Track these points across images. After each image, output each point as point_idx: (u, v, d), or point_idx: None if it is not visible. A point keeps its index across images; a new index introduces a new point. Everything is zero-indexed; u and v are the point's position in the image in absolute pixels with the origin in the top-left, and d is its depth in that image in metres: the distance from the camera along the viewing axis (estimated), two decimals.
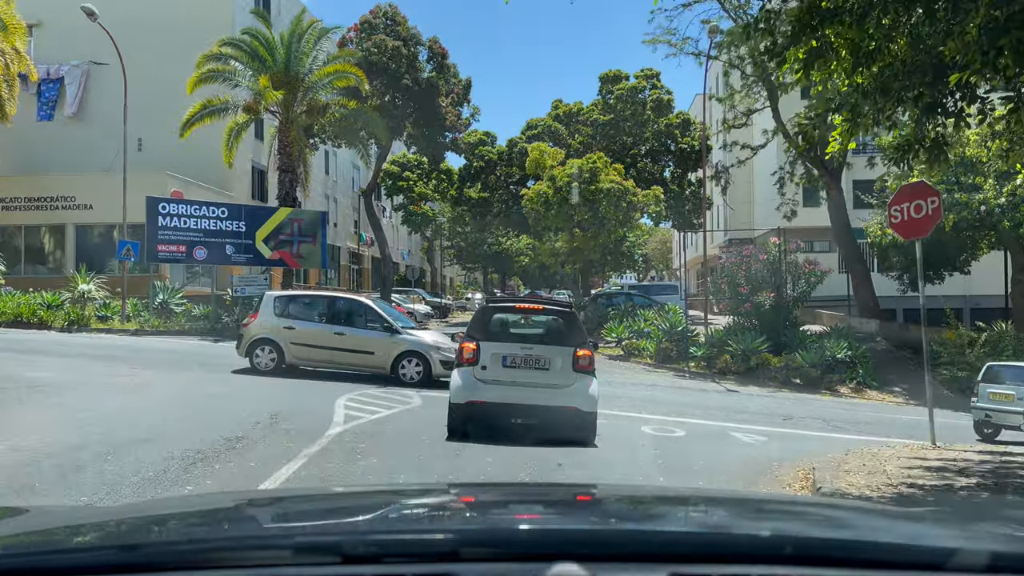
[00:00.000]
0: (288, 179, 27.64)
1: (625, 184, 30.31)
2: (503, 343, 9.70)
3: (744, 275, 23.91)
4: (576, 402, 9.40)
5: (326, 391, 13.16)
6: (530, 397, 9.37)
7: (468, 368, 9.51)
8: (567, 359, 9.49)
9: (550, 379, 9.44)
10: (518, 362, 9.46)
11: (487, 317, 10.06)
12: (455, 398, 9.49)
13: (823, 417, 15.13)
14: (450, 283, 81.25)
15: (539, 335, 10.39)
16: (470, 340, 9.68)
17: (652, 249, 79.19)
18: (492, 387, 9.38)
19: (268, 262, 26.67)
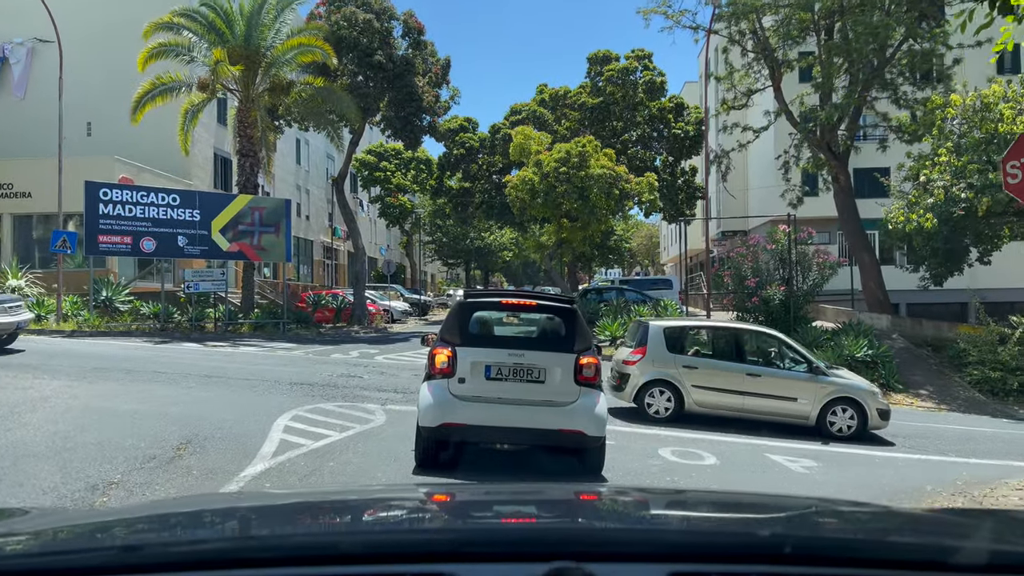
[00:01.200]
0: (249, 163, 25.14)
1: (617, 170, 28.04)
2: (486, 349, 7.60)
3: (750, 266, 21.73)
4: (580, 424, 7.39)
5: (271, 404, 10.79)
6: (521, 418, 7.38)
7: (441, 381, 7.47)
8: (568, 369, 7.47)
9: (547, 394, 7.45)
10: (505, 373, 7.44)
11: (465, 316, 7.80)
12: (425, 420, 7.42)
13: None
14: (431, 280, 78.75)
15: (532, 338, 8.41)
16: (444, 345, 7.58)
17: (637, 244, 77.05)
18: (472, 405, 7.39)
19: (226, 255, 24.17)
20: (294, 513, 2.04)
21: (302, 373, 14.70)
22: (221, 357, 17.14)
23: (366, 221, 56.05)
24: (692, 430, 11.40)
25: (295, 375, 14.23)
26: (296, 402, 11.13)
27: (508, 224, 39.55)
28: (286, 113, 27.57)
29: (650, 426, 11.57)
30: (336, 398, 11.81)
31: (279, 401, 11.15)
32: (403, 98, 28.24)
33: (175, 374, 13.18)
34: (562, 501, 2.22)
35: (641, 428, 11.37)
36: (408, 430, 9.31)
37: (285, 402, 11.08)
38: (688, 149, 35.28)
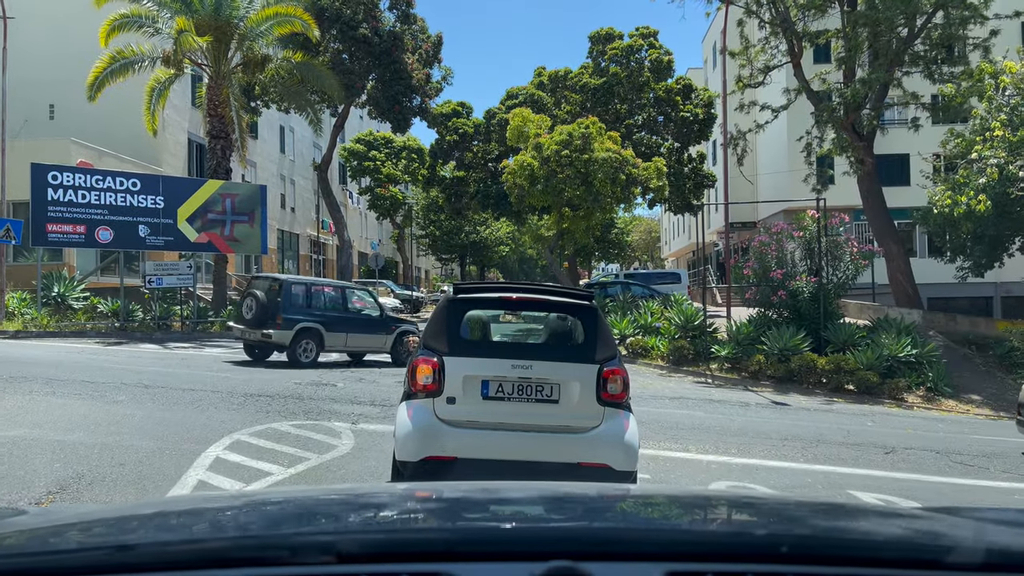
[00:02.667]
0: (220, 146, 22.83)
1: (623, 153, 25.78)
2: (483, 359, 5.78)
3: (775, 257, 19.52)
4: (606, 456, 5.65)
5: (210, 424, 8.54)
6: (529, 449, 5.63)
7: (425, 401, 5.63)
8: (589, 384, 5.73)
9: (562, 418, 5.72)
10: (508, 390, 5.68)
11: (455, 316, 5.96)
12: (403, 452, 5.57)
13: (932, 446, 10.74)
14: (425, 275, 76.45)
15: (541, 345, 6.53)
16: (428, 354, 5.71)
17: (636, 238, 74.80)
18: (465, 433, 5.61)
19: (194, 246, 21.88)
20: (291, 512, 1.98)
21: (265, 381, 12.46)
22: (177, 361, 14.89)
23: (356, 214, 53.77)
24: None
25: (256, 383, 11.99)
26: (244, 421, 8.88)
27: (505, 215, 37.30)
28: (263, 93, 25.30)
29: None
30: (296, 414, 9.56)
31: (223, 420, 8.89)
32: (390, 76, 25.98)
33: (108, 384, 10.92)
34: (559, 500, 2.14)
35: None
36: (380, 464, 7.12)
37: (230, 421, 8.83)
38: (697, 134, 33.06)
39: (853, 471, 8.64)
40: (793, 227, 19.78)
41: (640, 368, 19.28)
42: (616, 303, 24.25)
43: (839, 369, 17.02)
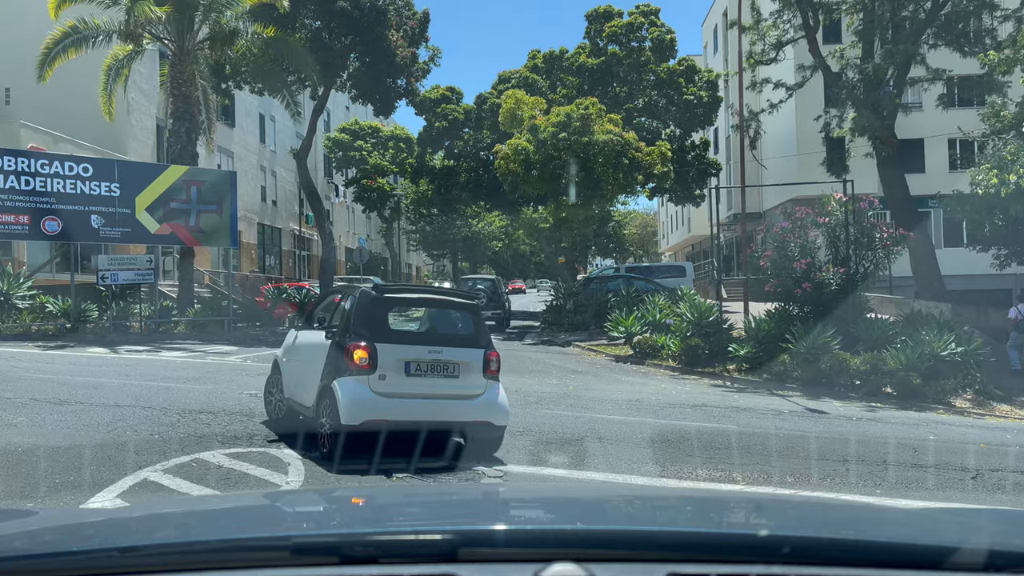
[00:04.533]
0: (185, 129, 20.77)
1: (626, 136, 23.85)
2: (404, 345, 7.65)
3: (798, 245, 17.59)
4: (489, 415, 7.70)
5: (114, 458, 6.56)
6: (438, 412, 7.52)
7: (361, 377, 7.24)
8: (478, 363, 7.77)
9: (461, 388, 7.68)
10: (424, 368, 7.55)
11: (382, 310, 7.78)
12: (348, 418, 7.05)
13: (1020, 466, 8.83)
14: (416, 272, 74.39)
15: (445, 334, 8.19)
16: (360, 340, 7.30)
17: (632, 233, 72.85)
18: (394, 402, 7.29)
19: (154, 238, 19.82)
20: (293, 514, 1.98)
21: (214, 393, 10.47)
22: (117, 368, 12.87)
23: (342, 208, 51.70)
24: None
25: (201, 396, 10.00)
26: (167, 450, 6.90)
27: (498, 207, 35.33)
28: (234, 73, 23.22)
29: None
30: (239, 438, 7.59)
31: (138, 449, 6.91)
32: (373, 54, 23.94)
33: (14, 400, 8.94)
34: (562, 502, 2.18)
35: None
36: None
37: (147, 451, 6.85)
38: (701, 118, 31.10)
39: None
40: (817, 212, 17.87)
41: (649, 370, 17.37)
42: (619, 299, 22.30)
43: (876, 370, 15.10)
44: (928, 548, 1.55)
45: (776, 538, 1.52)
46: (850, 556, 1.43)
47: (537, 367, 16.42)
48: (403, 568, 1.33)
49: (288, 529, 1.73)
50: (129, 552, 1.44)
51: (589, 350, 20.10)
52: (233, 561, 1.37)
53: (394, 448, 7.01)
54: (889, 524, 1.91)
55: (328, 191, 47.60)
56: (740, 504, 2.33)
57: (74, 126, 24.85)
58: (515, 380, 14.03)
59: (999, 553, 1.47)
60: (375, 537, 1.52)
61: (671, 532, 1.69)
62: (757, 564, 1.36)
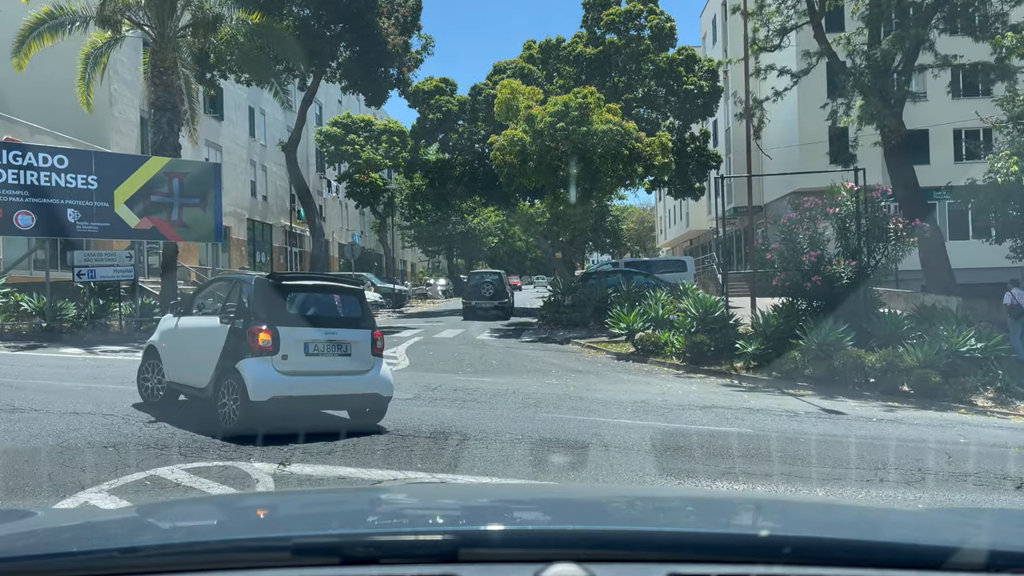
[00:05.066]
0: (167, 119, 19.90)
1: (626, 126, 23.05)
2: (303, 328, 8.36)
3: (808, 237, 16.82)
4: (378, 387, 8.69)
5: (70, 469, 5.76)
6: (334, 387, 8.51)
7: (266, 358, 7.95)
8: (367, 342, 8.74)
9: (353, 365, 8.61)
10: (321, 349, 8.42)
11: (277, 297, 8.49)
12: (256, 395, 7.77)
13: None
14: (411, 269, 73.52)
15: (338, 317, 8.89)
16: (262, 324, 7.99)
17: (629, 228, 72.00)
18: (296, 379, 8.13)
19: (134, 233, 18.98)
20: (293, 514, 2.00)
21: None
22: (87, 371, 12.06)
23: (336, 204, 50.84)
24: None
25: (170, 401, 9.18)
26: (119, 464, 6.11)
27: (493, 201, 34.51)
28: (219, 62, 22.33)
29: None
30: (206, 449, 6.80)
31: (86, 464, 6.11)
32: (364, 42, 23.11)
33: None
34: (562, 502, 2.18)
35: None
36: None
37: (96, 465, 6.05)
38: (701, 109, 30.31)
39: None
40: (826, 203, 17.10)
41: (653, 368, 16.59)
42: (619, 294, 21.52)
43: (892, 367, 14.32)
44: (929, 548, 1.55)
45: (777, 538, 1.52)
46: (851, 556, 1.43)
47: (535, 366, 15.63)
48: (404, 568, 1.34)
49: (289, 529, 1.73)
50: (130, 553, 1.44)
51: (589, 347, 19.32)
52: (234, 561, 1.38)
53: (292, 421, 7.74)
54: (890, 524, 1.92)
55: (320, 186, 46.74)
56: (741, 504, 2.32)
57: (58, 119, 23.96)
58: (513, 380, 13.26)
59: (1000, 553, 1.46)
60: (376, 537, 1.52)
61: (671, 532, 1.68)
62: (758, 564, 1.36)
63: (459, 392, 11.51)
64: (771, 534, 1.60)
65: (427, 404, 10.23)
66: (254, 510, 2.07)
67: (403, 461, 7.07)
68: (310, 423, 7.98)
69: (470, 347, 18.76)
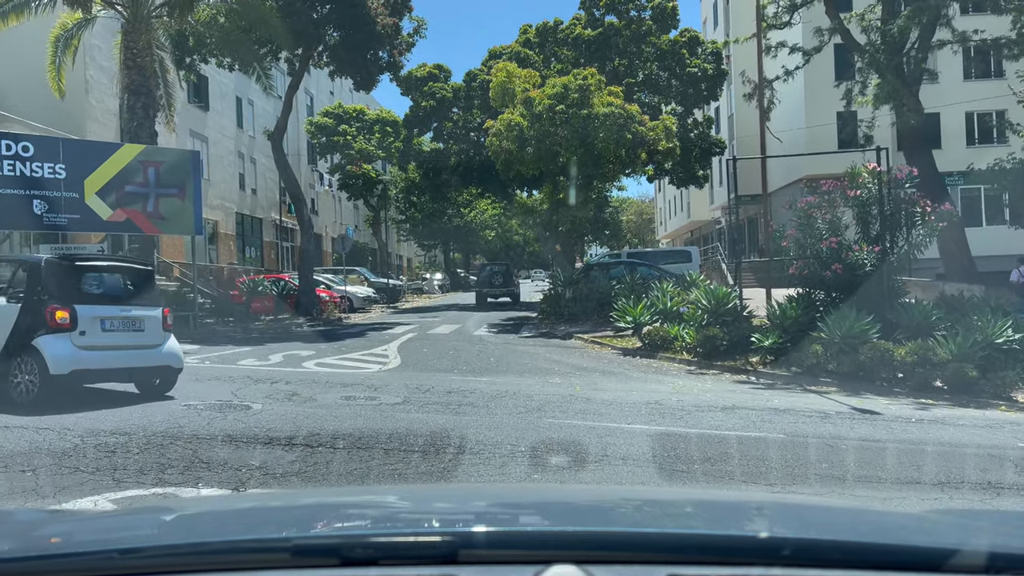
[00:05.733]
0: (141, 104, 18.73)
1: (628, 108, 21.89)
2: (99, 305, 9.13)
3: (827, 221, 15.70)
4: (169, 360, 9.52)
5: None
6: (130, 360, 9.22)
7: (64, 335, 8.61)
8: (158, 319, 9.54)
9: (147, 340, 9.37)
10: (117, 325, 9.15)
11: (71, 276, 9.22)
12: (56, 369, 8.44)
13: None
14: (407, 263, 72.31)
15: (131, 295, 9.64)
16: (62, 303, 8.66)
17: (629, 220, 70.82)
18: (94, 353, 8.85)
19: (107, 226, 17.84)
20: (293, 515, 1.98)
21: (138, 406, 8.53)
22: None
23: (328, 198, 49.63)
24: None
25: (120, 412, 8.05)
26: (28, 496, 4.93)
27: (490, 191, 33.34)
28: (198, 45, 21.12)
29: None
30: (143, 476, 5.63)
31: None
32: (351, 23, 21.92)
33: None
34: (561, 503, 2.19)
35: None
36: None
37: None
38: (705, 93, 29.17)
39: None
40: (846, 185, 15.97)
41: (663, 365, 15.46)
42: (624, 286, 20.38)
43: (924, 361, 13.18)
44: (928, 550, 1.55)
45: (776, 540, 1.52)
46: (850, 558, 1.42)
47: (537, 364, 14.50)
48: (403, 570, 1.34)
49: (288, 531, 1.68)
50: (129, 554, 1.44)
51: (593, 343, 18.21)
52: (233, 563, 1.37)
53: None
54: (889, 526, 1.90)
55: (312, 179, 45.54)
56: (741, 506, 2.27)
57: (31, 108, 22.71)
58: (513, 380, 12.13)
59: (999, 555, 1.46)
60: (375, 538, 1.52)
61: (671, 534, 1.67)
62: (757, 566, 1.36)
63: (454, 395, 10.39)
64: (770, 535, 1.58)
65: (418, 410, 9.10)
66: (253, 511, 2.06)
67: (396, 477, 5.97)
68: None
69: (467, 343, 17.64)
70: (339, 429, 7.63)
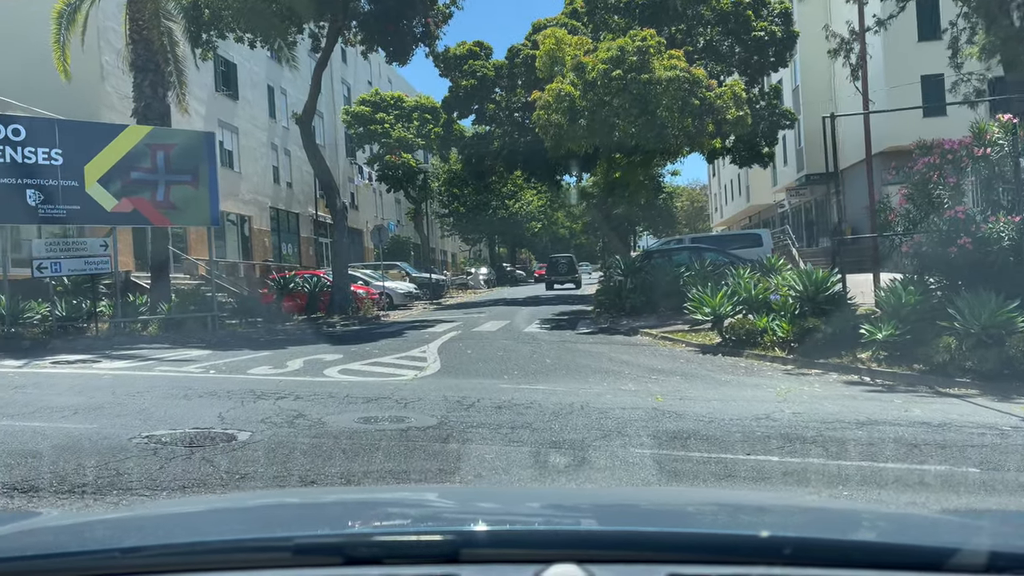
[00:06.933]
0: (148, 82, 16.84)
1: (694, 72, 19.30)
2: None
3: (950, 188, 12.95)
4: None
5: None
6: None
7: None
8: None
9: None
10: None
11: None
12: None
13: None
14: (452, 259, 70.32)
15: None
16: None
17: (683, 206, 67.66)
18: None
19: (112, 217, 15.90)
20: (295, 514, 1.98)
21: (98, 434, 6.40)
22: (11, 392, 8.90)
23: (369, 193, 47.80)
24: None
25: (70, 442, 5.91)
26: None
27: (536, 176, 30.95)
28: (215, 19, 19.12)
29: None
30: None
31: None
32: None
33: None
34: (562, 503, 2.16)
35: None
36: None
37: None
38: (773, 59, 26.35)
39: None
40: (972, 144, 13.18)
41: (752, 364, 12.90)
42: (694, 273, 17.83)
43: None
44: (929, 549, 1.54)
45: (777, 539, 1.52)
46: (851, 557, 1.42)
47: (602, 365, 12.10)
48: (405, 569, 1.33)
49: (290, 529, 1.68)
50: (131, 553, 1.43)
51: (663, 338, 15.73)
52: (235, 562, 1.36)
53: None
54: (891, 525, 1.90)
55: (351, 172, 43.71)
56: (741, 505, 2.21)
57: (44, 97, 21.03)
58: (576, 389, 9.76)
59: (1000, 554, 1.45)
60: (377, 537, 1.52)
61: (672, 533, 1.66)
62: (758, 565, 1.35)
63: (505, 412, 8.06)
64: (771, 534, 1.56)
65: (457, 437, 6.74)
66: (255, 510, 2.03)
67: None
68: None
69: (517, 342, 15.32)
70: (342, 473, 5.38)
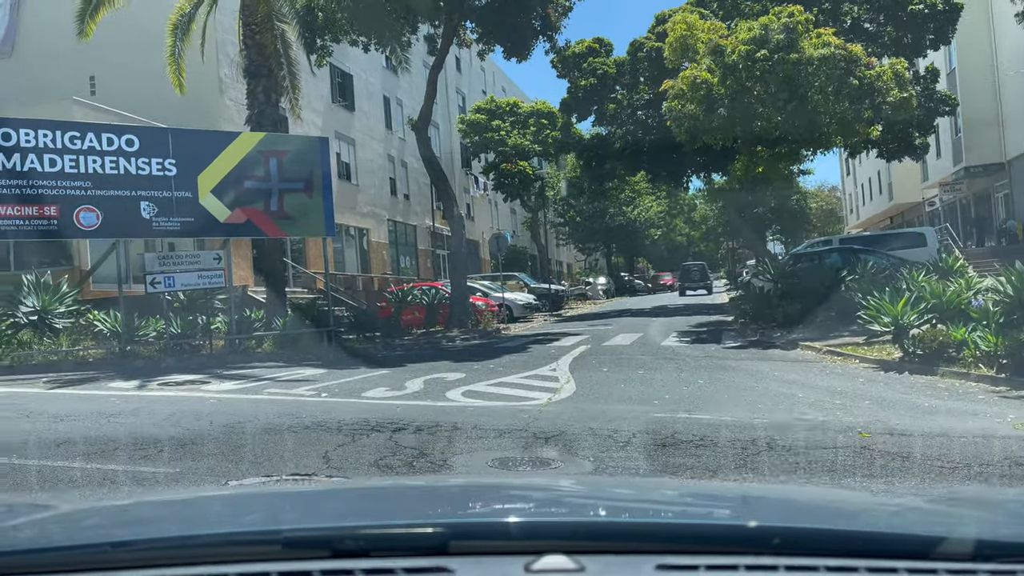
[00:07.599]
0: (261, 87, 16.21)
1: (851, 49, 17.00)
2: None
3: None
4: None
5: None
6: None
7: None
8: None
9: None
10: None
11: None
12: None
13: None
14: (567, 269, 68.76)
15: None
16: None
17: (817, 207, 63.43)
18: None
19: (225, 228, 15.23)
20: (284, 507, 1.96)
21: (181, 484, 5.18)
22: (94, 423, 7.94)
23: (485, 203, 47.05)
24: None
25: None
26: None
27: (661, 176, 28.99)
28: (328, 23, 18.41)
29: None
30: None
31: None
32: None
33: None
34: (552, 494, 2.17)
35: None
36: None
37: None
38: (933, 36, 23.44)
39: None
40: None
41: (951, 383, 10.59)
42: (860, 278, 15.50)
43: None
44: (917, 538, 1.55)
45: (765, 529, 1.52)
46: (839, 546, 1.42)
47: (769, 387, 10.15)
48: (394, 561, 1.32)
49: (279, 523, 1.68)
50: (121, 547, 1.43)
51: (829, 352, 13.53)
52: (225, 555, 1.36)
53: None
54: (879, 514, 1.92)
55: (467, 183, 43.02)
56: (730, 496, 2.24)
57: (161, 111, 20.99)
58: (748, 417, 7.90)
59: (987, 542, 1.47)
60: (366, 530, 1.50)
61: (661, 523, 1.67)
62: (746, 555, 1.36)
63: (671, 451, 6.39)
64: (760, 524, 1.57)
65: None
66: (245, 503, 2.03)
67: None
68: None
69: (657, 358, 13.53)
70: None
